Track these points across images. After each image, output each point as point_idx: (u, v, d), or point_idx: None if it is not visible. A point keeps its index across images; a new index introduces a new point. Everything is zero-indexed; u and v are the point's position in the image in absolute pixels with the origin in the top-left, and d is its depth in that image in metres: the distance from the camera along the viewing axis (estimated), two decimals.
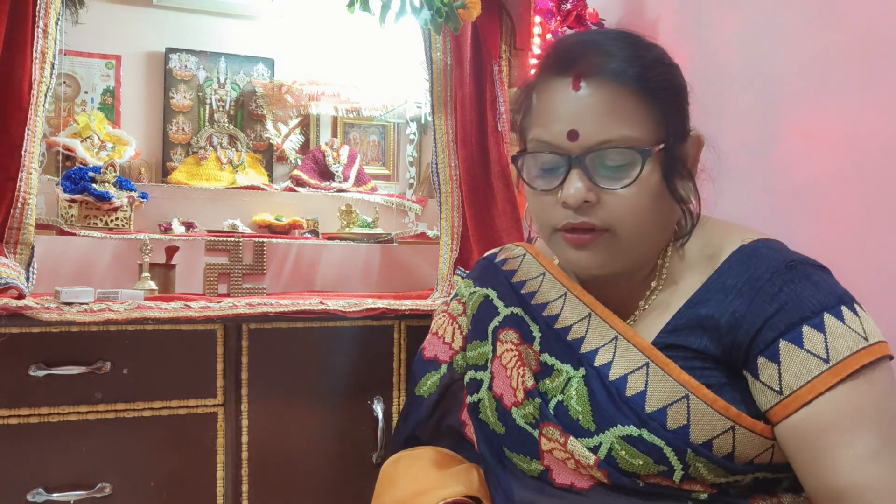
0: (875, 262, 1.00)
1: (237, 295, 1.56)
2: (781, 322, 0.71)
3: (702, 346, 0.76)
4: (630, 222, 0.75)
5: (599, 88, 0.74)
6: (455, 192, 1.67)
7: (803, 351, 0.70)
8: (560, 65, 0.76)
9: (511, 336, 0.88)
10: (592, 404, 0.77)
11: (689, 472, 0.73)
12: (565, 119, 0.75)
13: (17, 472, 1.18)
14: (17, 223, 1.37)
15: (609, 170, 0.74)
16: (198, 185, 2.10)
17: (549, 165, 0.77)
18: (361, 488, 1.38)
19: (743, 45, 1.27)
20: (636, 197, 0.74)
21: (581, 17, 1.49)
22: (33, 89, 1.37)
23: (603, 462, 0.75)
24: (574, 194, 0.74)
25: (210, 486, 1.30)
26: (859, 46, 1.04)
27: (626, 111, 0.74)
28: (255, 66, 2.31)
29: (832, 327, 0.70)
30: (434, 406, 0.96)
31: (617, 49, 0.75)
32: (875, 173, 1.01)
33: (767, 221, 0.93)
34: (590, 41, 0.78)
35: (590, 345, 0.81)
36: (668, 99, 0.76)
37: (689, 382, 0.74)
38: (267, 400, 1.33)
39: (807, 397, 0.69)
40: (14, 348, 1.18)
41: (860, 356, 0.69)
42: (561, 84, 0.76)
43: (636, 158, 0.73)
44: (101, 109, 2.14)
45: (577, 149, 0.74)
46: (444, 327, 1.00)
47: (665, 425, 0.73)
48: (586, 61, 0.74)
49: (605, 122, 0.73)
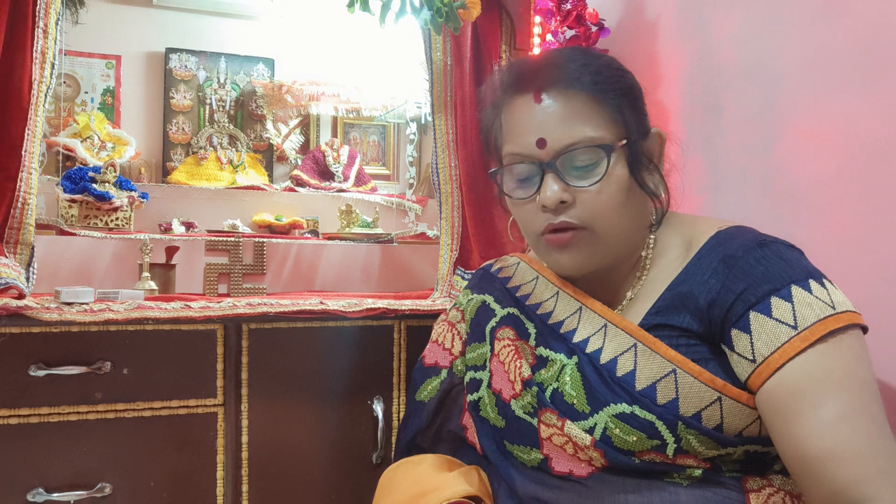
0: (875, 262, 1.00)
1: (237, 295, 1.56)
2: (752, 295, 0.75)
3: (685, 323, 0.79)
4: (605, 217, 0.81)
5: (558, 97, 0.81)
6: (455, 192, 1.67)
7: (772, 320, 0.73)
8: (520, 83, 0.84)
9: (508, 333, 0.92)
10: (586, 388, 0.81)
11: (682, 444, 0.75)
12: (532, 130, 0.82)
13: (17, 472, 1.18)
14: (18, 223, 1.37)
15: (579, 170, 0.81)
16: (198, 185, 2.10)
17: (525, 175, 0.84)
18: (361, 488, 1.38)
19: (743, 45, 1.27)
20: (608, 192, 0.81)
21: (581, 16, 1.49)
22: (33, 89, 1.37)
23: (599, 442, 0.78)
24: (551, 196, 0.81)
25: (210, 486, 1.30)
26: (859, 46, 1.04)
27: (586, 114, 0.81)
28: (255, 66, 2.31)
29: (799, 297, 0.74)
30: (435, 411, 0.99)
31: (568, 61, 0.83)
32: (875, 173, 1.01)
33: (767, 221, 0.93)
34: (543, 59, 0.87)
35: (581, 334, 0.86)
36: (622, 99, 0.82)
37: (675, 358, 0.77)
38: (267, 400, 1.33)
39: (778, 363, 0.72)
40: (14, 348, 1.18)
41: (827, 322, 0.72)
42: (524, 100, 0.83)
43: (601, 155, 0.80)
44: (101, 109, 2.14)
45: (547, 155, 0.81)
46: (443, 335, 1.04)
47: (655, 401, 0.76)
48: (543, 75, 0.82)
49: (568, 127, 0.80)
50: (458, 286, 1.61)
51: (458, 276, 1.64)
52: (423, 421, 0.99)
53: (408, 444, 1.01)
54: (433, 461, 0.94)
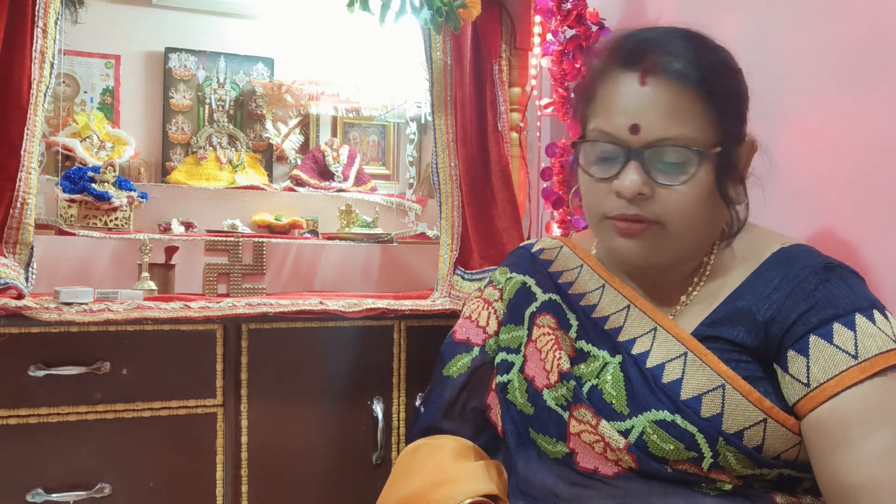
0: (875, 261, 1.00)
1: (237, 295, 1.56)
2: (813, 318, 0.74)
3: (739, 337, 0.78)
4: (681, 218, 0.77)
5: (663, 86, 0.76)
6: (455, 191, 1.66)
7: (832, 346, 0.72)
8: (628, 59, 0.79)
9: (548, 321, 0.90)
10: (628, 389, 0.79)
11: (718, 460, 0.74)
12: (628, 112, 0.77)
13: (17, 473, 1.18)
14: (17, 223, 1.37)
15: (666, 165, 0.76)
16: (197, 184, 2.10)
17: (608, 155, 0.80)
18: (361, 488, 1.38)
19: (743, 44, 1.27)
20: (689, 195, 0.77)
21: (581, 16, 1.49)
22: (32, 89, 1.37)
23: (633, 446, 0.77)
24: (630, 185, 0.77)
25: (209, 487, 1.30)
26: (859, 46, 1.04)
27: (688, 111, 0.76)
28: (254, 66, 2.31)
29: (863, 326, 0.72)
30: (462, 387, 0.97)
31: (683, 49, 0.78)
32: (875, 173, 1.01)
33: (767, 221, 0.93)
34: (657, 39, 0.80)
35: (628, 334, 0.84)
36: (728, 103, 0.79)
37: (726, 373, 0.76)
38: (266, 400, 1.33)
39: (833, 390, 0.71)
40: (13, 348, 1.18)
41: (889, 356, 0.71)
42: (627, 78, 0.78)
43: (693, 158, 0.76)
44: (101, 109, 2.14)
45: (637, 142, 0.77)
46: (478, 311, 1.01)
47: (699, 413, 0.75)
48: (653, 58, 0.77)
49: (666, 120, 0.76)
50: (458, 286, 1.61)
51: (458, 276, 1.64)
52: (449, 397, 0.96)
53: (429, 421, 0.97)
54: (454, 447, 0.91)
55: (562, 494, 0.81)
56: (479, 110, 1.68)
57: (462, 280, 1.62)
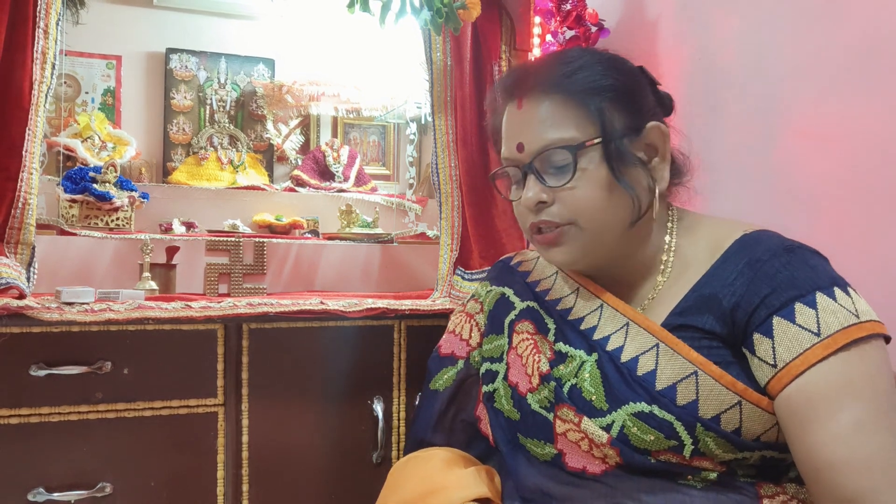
0: (875, 261, 1.00)
1: (237, 295, 1.56)
2: (775, 300, 0.75)
3: (708, 325, 0.79)
4: (586, 212, 0.83)
5: (533, 103, 0.85)
6: (455, 192, 1.67)
7: (795, 326, 0.74)
8: (508, 90, 0.89)
9: (527, 327, 0.93)
10: (605, 385, 0.81)
11: (699, 446, 0.75)
12: (514, 135, 0.87)
13: (18, 472, 1.19)
14: (18, 223, 1.37)
15: (554, 170, 0.84)
16: (198, 185, 2.11)
17: (514, 178, 0.89)
18: (361, 488, 1.38)
19: (743, 45, 1.27)
20: (585, 189, 0.82)
21: (581, 17, 1.49)
22: (34, 89, 1.37)
23: (615, 440, 0.78)
24: (531, 196, 0.84)
25: (210, 486, 1.30)
26: (859, 47, 1.04)
27: (558, 116, 0.83)
28: (255, 67, 2.31)
29: (824, 304, 0.74)
30: (449, 400, 0.99)
31: (544, 67, 0.87)
32: (875, 173, 1.01)
33: (767, 221, 0.93)
34: (526, 67, 0.91)
35: (602, 332, 0.86)
36: (602, 99, 0.83)
37: (697, 359, 0.77)
38: (267, 400, 1.34)
39: (799, 369, 0.72)
40: (15, 348, 1.18)
41: (851, 331, 0.72)
42: (511, 107, 0.88)
43: (569, 156, 0.82)
44: (102, 110, 2.14)
45: (525, 157, 0.85)
46: (461, 325, 1.04)
47: (675, 401, 0.77)
48: (523, 83, 0.87)
49: (541, 130, 0.84)
50: (458, 286, 1.61)
51: (458, 276, 1.64)
52: (437, 411, 0.99)
53: (420, 435, 1.00)
54: (444, 457, 0.93)
55: (554, 495, 0.82)
56: (478, 111, 1.68)
57: (462, 280, 1.62)
